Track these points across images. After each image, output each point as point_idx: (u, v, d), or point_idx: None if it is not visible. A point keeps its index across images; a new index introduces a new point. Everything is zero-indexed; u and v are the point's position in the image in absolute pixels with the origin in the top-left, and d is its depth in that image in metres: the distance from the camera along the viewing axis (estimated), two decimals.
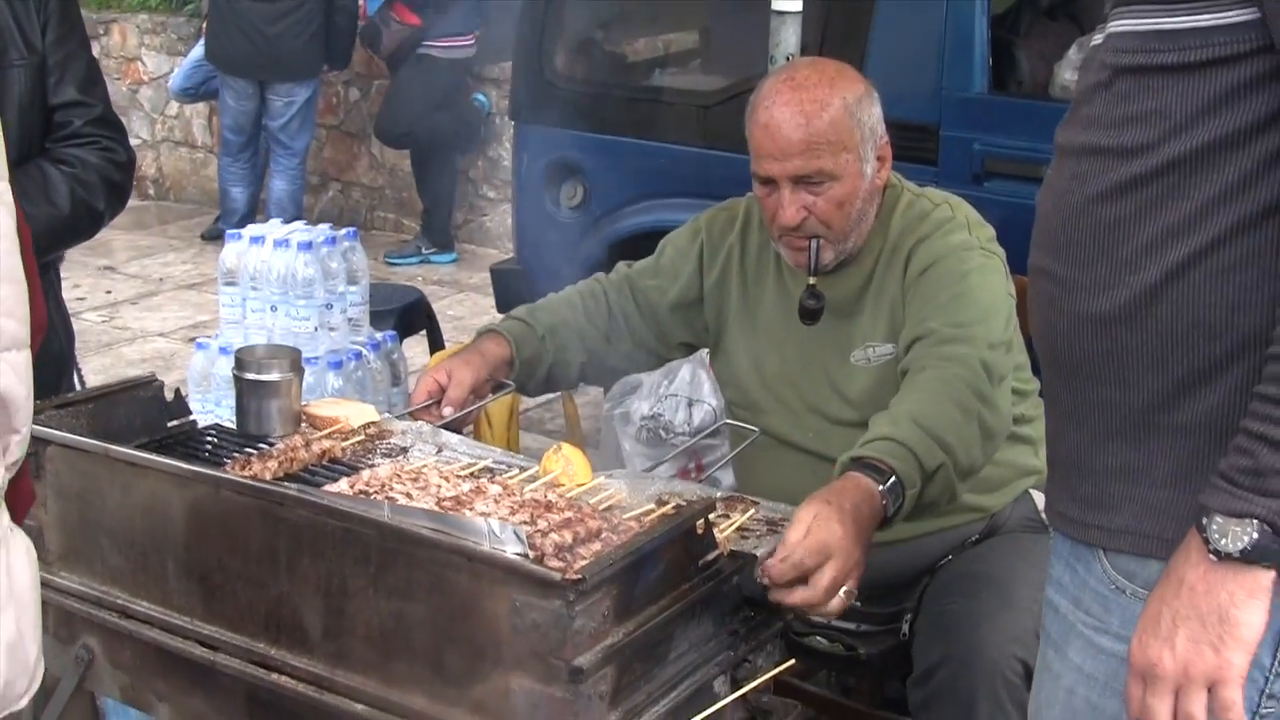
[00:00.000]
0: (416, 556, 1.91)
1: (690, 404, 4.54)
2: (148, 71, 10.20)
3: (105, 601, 2.29)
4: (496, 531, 1.85)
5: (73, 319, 6.88)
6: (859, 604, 2.86)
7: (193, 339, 5.37)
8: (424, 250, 8.75)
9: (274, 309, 4.17)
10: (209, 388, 3.94)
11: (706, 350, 3.16)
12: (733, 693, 2.10)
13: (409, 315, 5.21)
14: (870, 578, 2.91)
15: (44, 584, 2.33)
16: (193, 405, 4.27)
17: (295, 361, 2.65)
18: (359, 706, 2.00)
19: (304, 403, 2.72)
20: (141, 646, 2.26)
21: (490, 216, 8.95)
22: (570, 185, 4.95)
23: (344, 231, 4.32)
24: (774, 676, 2.18)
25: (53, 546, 2.35)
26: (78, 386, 3.22)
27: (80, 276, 8.23)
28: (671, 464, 4.09)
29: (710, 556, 2.08)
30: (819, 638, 2.88)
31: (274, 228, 4.32)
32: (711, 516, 2.15)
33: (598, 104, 4.91)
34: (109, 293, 8.07)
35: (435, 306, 7.12)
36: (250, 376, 2.62)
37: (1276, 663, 1.65)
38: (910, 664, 2.77)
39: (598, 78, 5.28)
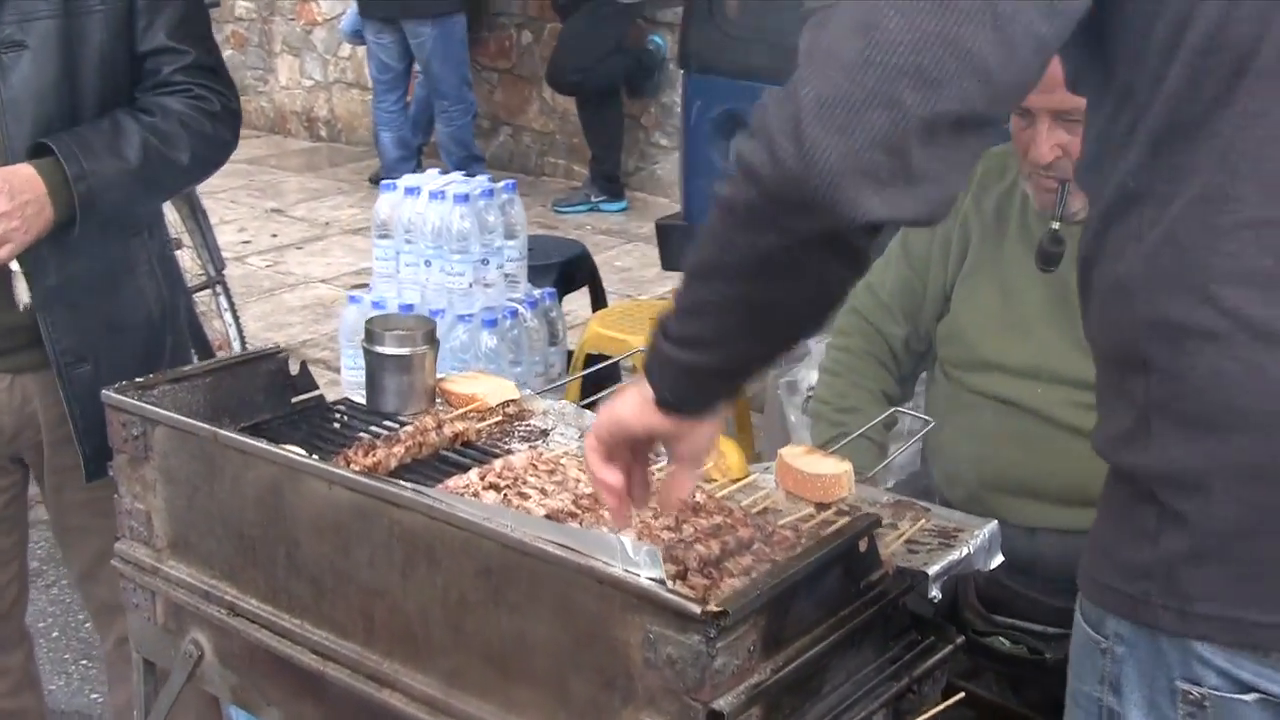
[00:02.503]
0: (541, 573, 1.69)
1: None
2: (321, 12, 10.17)
3: (214, 596, 2.12)
4: (630, 551, 1.62)
5: (237, 263, 6.87)
6: (1040, 596, 2.62)
7: (356, 286, 5.23)
8: (593, 198, 8.55)
9: (428, 264, 4.04)
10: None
11: None
12: None
13: (570, 270, 5.01)
14: (1057, 568, 2.67)
15: (154, 572, 2.21)
16: (344, 361, 4.19)
17: (429, 333, 2.46)
18: None
19: (439, 377, 2.52)
20: (250, 646, 2.09)
21: (662, 164, 8.74)
22: None
23: (502, 184, 4.15)
24: (943, 709, 1.94)
25: (161, 533, 2.19)
26: (194, 360, 3.04)
27: (247, 219, 8.20)
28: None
29: (874, 576, 1.84)
30: (1001, 639, 2.62)
31: (429, 179, 4.16)
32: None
33: (774, 52, 4.61)
34: (275, 236, 8.01)
35: (603, 257, 6.96)
36: (380, 350, 2.43)
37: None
38: None
39: (774, 24, 5.00)
